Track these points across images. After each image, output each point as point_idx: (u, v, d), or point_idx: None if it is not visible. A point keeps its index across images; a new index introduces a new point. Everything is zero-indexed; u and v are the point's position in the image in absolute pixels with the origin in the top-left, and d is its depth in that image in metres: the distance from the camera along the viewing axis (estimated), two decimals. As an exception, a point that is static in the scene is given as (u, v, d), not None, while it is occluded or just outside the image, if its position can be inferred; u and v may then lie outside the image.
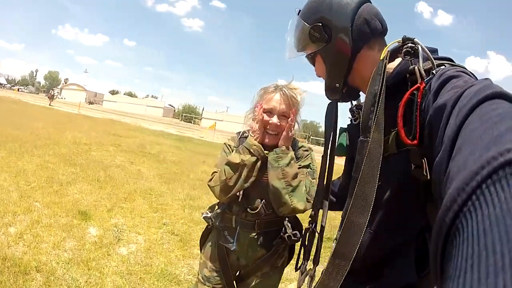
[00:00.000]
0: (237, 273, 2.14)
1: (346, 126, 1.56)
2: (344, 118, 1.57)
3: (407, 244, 1.15)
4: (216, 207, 2.11)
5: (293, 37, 1.43)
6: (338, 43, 1.24)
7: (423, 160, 0.99)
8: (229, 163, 1.90)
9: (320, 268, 1.50)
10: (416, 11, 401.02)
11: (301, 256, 1.75)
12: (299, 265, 1.74)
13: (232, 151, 2.02)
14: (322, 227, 1.61)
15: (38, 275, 3.16)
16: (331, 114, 1.57)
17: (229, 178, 1.88)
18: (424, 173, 0.98)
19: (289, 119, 1.89)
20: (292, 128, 1.93)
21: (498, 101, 0.63)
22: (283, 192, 1.82)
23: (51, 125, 15.05)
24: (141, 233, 4.69)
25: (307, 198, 1.85)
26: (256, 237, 1.98)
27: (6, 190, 5.22)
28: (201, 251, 2.23)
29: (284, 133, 1.90)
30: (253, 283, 2.07)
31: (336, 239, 1.19)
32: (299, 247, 1.79)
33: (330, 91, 1.38)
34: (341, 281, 1.05)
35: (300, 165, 1.98)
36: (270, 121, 1.92)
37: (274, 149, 1.89)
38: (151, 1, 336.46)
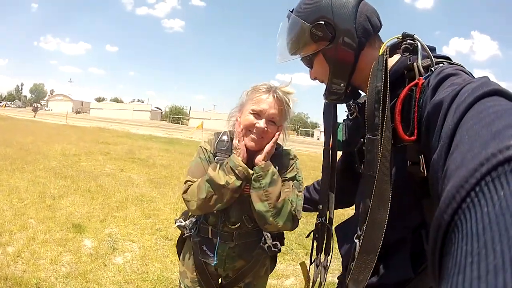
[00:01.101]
0: (219, 282, 2.04)
1: (342, 121, 1.56)
2: (339, 111, 1.55)
3: (403, 241, 1.17)
4: (190, 213, 1.97)
5: (286, 39, 1.38)
6: (343, 41, 1.21)
7: (420, 157, 1.00)
8: (211, 181, 1.68)
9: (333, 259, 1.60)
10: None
11: (314, 249, 1.72)
12: (313, 258, 1.72)
13: (208, 157, 1.85)
14: (331, 219, 1.62)
15: (39, 292, 3.25)
16: (329, 113, 1.56)
17: (209, 198, 1.69)
18: (421, 170, 1.00)
19: (276, 133, 1.74)
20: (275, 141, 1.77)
21: (496, 98, 0.64)
22: (267, 215, 1.67)
23: (40, 138, 15.00)
24: (135, 241, 4.78)
25: (293, 215, 1.73)
26: (234, 248, 1.87)
27: (0, 210, 5.29)
28: (179, 258, 2.12)
29: (267, 147, 1.72)
30: None
31: (359, 237, 1.19)
32: (311, 241, 1.74)
33: (332, 92, 1.34)
34: (370, 273, 1.10)
35: (286, 177, 1.82)
36: (256, 125, 1.70)
37: (254, 168, 1.70)
38: (131, 5, 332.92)
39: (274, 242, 1.90)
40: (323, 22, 1.21)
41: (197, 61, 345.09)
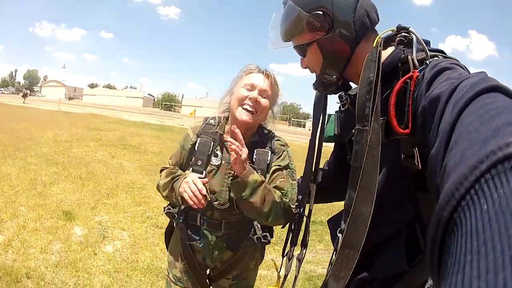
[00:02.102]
0: (208, 273, 2.03)
1: (334, 112, 1.53)
2: (331, 102, 1.53)
3: (397, 234, 1.15)
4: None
5: (279, 27, 1.34)
6: (340, 33, 1.19)
7: (415, 150, 0.99)
8: (162, 183, 1.87)
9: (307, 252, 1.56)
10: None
11: (288, 241, 1.71)
12: (286, 251, 1.70)
13: (190, 142, 1.90)
14: (310, 211, 1.61)
15: (29, 282, 3.27)
16: (320, 104, 1.54)
17: (163, 191, 1.87)
18: (416, 163, 0.98)
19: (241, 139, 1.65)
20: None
21: (494, 94, 0.63)
22: (257, 218, 1.77)
23: (32, 125, 14.79)
24: (126, 229, 4.81)
25: (285, 209, 1.69)
26: (222, 237, 1.87)
27: (-9, 198, 5.27)
28: (167, 249, 2.13)
29: (239, 156, 1.60)
30: (227, 286, 2.00)
31: (342, 230, 1.17)
32: (286, 232, 1.73)
33: (322, 83, 1.32)
34: (351, 270, 1.06)
35: (280, 165, 1.83)
36: (250, 96, 1.76)
37: (231, 183, 1.69)
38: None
39: (264, 234, 1.86)
40: (321, 12, 1.19)
41: (192, 49, 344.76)
